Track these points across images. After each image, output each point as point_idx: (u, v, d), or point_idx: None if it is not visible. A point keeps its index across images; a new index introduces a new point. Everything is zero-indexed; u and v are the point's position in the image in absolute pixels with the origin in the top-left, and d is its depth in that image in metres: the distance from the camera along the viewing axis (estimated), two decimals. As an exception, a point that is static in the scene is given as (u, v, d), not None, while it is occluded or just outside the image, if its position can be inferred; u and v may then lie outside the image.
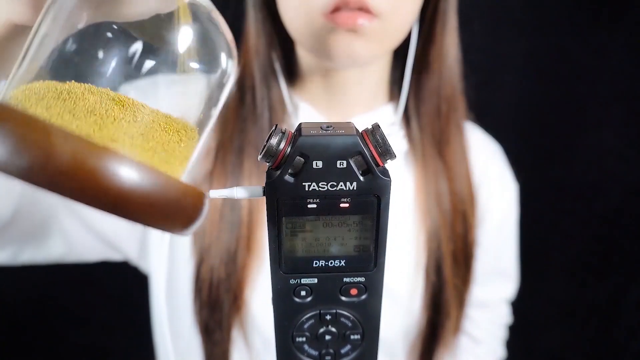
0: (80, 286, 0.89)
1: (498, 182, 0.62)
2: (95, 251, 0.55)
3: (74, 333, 0.94)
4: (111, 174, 0.18)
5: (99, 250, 0.55)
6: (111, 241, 0.55)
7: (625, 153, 0.90)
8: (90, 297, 0.92)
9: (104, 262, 0.58)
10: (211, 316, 0.53)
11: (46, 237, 0.51)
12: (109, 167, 0.18)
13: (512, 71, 0.88)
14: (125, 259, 0.59)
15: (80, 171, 0.18)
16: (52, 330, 0.93)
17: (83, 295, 0.92)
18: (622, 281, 0.96)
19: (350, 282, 0.28)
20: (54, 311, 0.92)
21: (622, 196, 0.92)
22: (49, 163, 0.17)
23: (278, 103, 0.53)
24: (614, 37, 0.85)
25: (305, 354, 0.29)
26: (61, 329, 0.94)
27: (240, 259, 0.52)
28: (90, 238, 0.53)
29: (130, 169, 0.19)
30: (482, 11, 0.81)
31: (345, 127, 0.25)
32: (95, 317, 0.94)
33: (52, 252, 0.52)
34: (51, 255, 0.52)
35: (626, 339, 0.97)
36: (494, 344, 0.65)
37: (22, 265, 0.52)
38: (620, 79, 0.86)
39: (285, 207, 0.25)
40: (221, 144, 0.53)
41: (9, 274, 0.52)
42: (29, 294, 0.88)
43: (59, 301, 0.91)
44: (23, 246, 0.50)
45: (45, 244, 0.51)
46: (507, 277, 0.66)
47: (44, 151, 0.17)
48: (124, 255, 0.58)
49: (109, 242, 0.55)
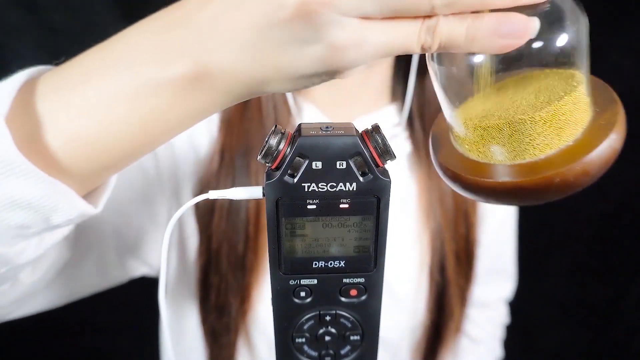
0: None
1: None
2: (125, 271, 0.53)
3: (79, 337, 0.94)
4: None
5: (129, 268, 0.53)
6: (142, 254, 0.53)
7: (625, 153, 0.90)
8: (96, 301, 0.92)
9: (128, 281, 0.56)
10: (218, 320, 0.53)
11: (94, 274, 0.49)
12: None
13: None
14: (147, 274, 0.56)
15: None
16: (57, 334, 0.93)
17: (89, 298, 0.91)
18: (622, 281, 0.96)
19: (350, 282, 0.27)
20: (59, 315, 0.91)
21: (622, 196, 0.92)
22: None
23: (282, 104, 0.53)
24: (614, 37, 0.85)
25: (305, 354, 0.29)
26: (67, 333, 0.93)
27: (247, 262, 0.52)
28: (125, 257, 0.51)
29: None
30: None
31: (345, 127, 0.25)
32: (100, 321, 0.94)
33: (91, 283, 0.50)
34: (89, 287, 0.50)
35: (626, 339, 0.97)
36: (493, 344, 0.65)
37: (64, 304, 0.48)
38: (620, 79, 0.86)
39: (285, 208, 0.25)
40: (227, 146, 0.53)
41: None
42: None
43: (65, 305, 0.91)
44: (74, 286, 0.47)
45: (93, 280, 0.49)
46: (506, 276, 0.66)
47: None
48: (149, 266, 0.55)
49: (140, 255, 0.53)
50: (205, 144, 0.53)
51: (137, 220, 0.50)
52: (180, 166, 0.53)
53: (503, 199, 0.26)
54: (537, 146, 0.25)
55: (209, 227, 0.52)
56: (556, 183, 0.24)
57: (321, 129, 0.24)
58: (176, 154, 0.52)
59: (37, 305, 0.43)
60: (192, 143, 0.53)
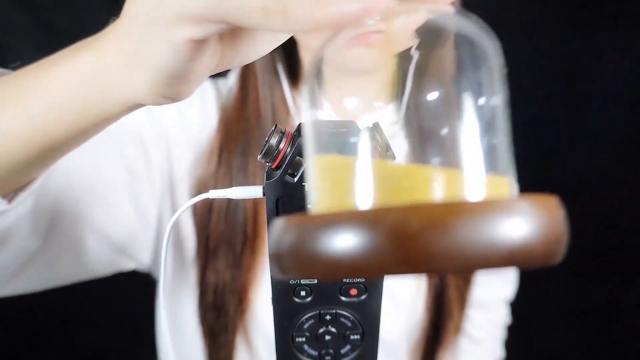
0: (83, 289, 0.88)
1: None
2: (110, 265, 0.53)
3: (76, 336, 0.94)
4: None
5: (114, 263, 0.53)
6: (129, 250, 0.53)
7: (625, 153, 0.90)
8: (93, 300, 0.92)
9: (116, 273, 0.56)
10: (216, 320, 0.53)
11: (71, 262, 0.49)
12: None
13: (512, 71, 0.88)
14: (136, 268, 0.57)
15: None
16: (55, 332, 0.93)
17: (86, 297, 0.91)
18: (622, 281, 0.96)
19: (350, 282, 0.27)
20: (57, 314, 0.91)
21: (622, 196, 0.92)
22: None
23: (281, 104, 0.53)
24: (614, 37, 0.85)
25: (305, 354, 0.29)
26: (64, 331, 0.93)
27: (245, 262, 0.52)
28: (109, 251, 0.51)
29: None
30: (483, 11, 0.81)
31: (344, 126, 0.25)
32: (98, 320, 0.94)
33: (74, 274, 0.50)
34: (71, 277, 0.51)
35: (626, 339, 0.98)
36: (494, 345, 0.65)
37: (43, 290, 0.49)
38: (620, 79, 0.86)
39: (285, 207, 0.25)
40: (225, 145, 0.52)
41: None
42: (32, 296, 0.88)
43: (62, 304, 0.91)
44: (49, 274, 0.48)
45: (70, 268, 0.49)
46: (507, 277, 0.66)
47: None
48: (138, 262, 0.55)
49: (127, 251, 0.53)
50: (202, 144, 0.53)
51: (122, 218, 0.50)
52: (176, 165, 0.53)
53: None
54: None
55: (207, 227, 0.52)
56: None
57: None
58: (171, 153, 0.52)
59: (18, 287, 0.44)
60: (188, 142, 0.53)
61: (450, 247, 0.14)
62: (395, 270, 0.14)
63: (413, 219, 0.14)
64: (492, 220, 0.14)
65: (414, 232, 0.14)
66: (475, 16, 0.20)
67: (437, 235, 0.14)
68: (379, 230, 0.14)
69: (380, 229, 0.14)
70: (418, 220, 0.14)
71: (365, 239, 0.14)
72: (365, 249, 0.14)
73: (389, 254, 0.14)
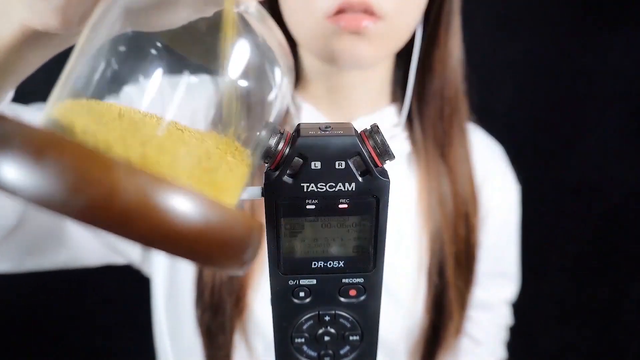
0: (81, 288, 0.89)
1: (500, 184, 0.62)
2: (99, 256, 0.54)
3: (74, 335, 0.94)
4: (183, 213, 0.16)
5: (103, 255, 0.54)
6: (115, 245, 0.54)
7: (625, 153, 0.90)
8: (91, 300, 0.92)
9: (106, 265, 0.57)
10: (214, 319, 0.53)
11: (51, 244, 0.50)
12: (179, 206, 0.16)
13: (513, 71, 0.88)
14: (128, 263, 0.58)
15: (149, 211, 0.15)
16: (52, 332, 0.93)
17: (84, 297, 0.92)
18: (622, 281, 0.96)
19: (349, 283, 0.27)
20: (54, 313, 0.92)
21: (622, 196, 0.92)
22: (113, 202, 0.15)
23: None
24: (614, 37, 0.85)
25: (304, 354, 0.29)
26: (62, 331, 0.93)
27: None
28: (95, 243, 0.52)
29: (204, 207, 0.16)
30: (483, 12, 0.81)
31: (343, 127, 0.25)
32: (95, 320, 0.94)
33: (57, 258, 0.51)
34: (55, 261, 0.52)
35: (626, 339, 0.98)
36: (495, 345, 0.65)
37: (26, 272, 0.51)
38: (620, 79, 0.86)
39: (284, 208, 0.25)
40: None
41: (10, 276, 0.51)
42: (30, 296, 0.88)
43: (59, 303, 0.91)
44: (28, 253, 0.50)
45: (50, 250, 0.50)
46: (508, 278, 0.66)
47: (108, 189, 0.15)
48: (127, 259, 0.57)
49: (113, 246, 0.54)
50: None
51: None
52: None
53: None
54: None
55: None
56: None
57: (320, 129, 0.24)
58: None
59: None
60: None
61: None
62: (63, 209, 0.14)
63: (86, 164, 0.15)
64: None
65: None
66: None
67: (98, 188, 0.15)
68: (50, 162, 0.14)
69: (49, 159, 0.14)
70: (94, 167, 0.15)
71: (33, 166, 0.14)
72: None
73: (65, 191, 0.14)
